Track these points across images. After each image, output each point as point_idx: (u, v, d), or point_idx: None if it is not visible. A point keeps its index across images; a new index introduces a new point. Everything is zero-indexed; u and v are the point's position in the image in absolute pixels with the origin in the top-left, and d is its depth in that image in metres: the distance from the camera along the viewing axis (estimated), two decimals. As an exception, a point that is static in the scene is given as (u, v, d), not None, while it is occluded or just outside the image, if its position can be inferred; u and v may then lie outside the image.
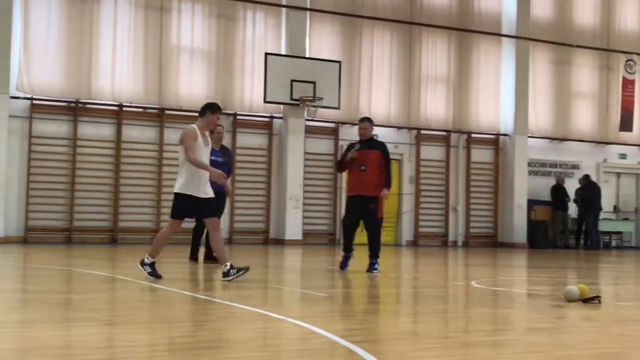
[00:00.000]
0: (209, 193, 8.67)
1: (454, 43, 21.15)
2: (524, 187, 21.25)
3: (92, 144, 17.31)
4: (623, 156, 23.27)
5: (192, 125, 8.82)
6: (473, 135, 21.28)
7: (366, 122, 10.84)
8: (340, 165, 10.98)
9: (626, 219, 23.25)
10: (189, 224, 10.65)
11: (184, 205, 8.60)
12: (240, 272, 8.50)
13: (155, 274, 8.56)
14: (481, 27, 21.27)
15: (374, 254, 10.60)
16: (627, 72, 22.75)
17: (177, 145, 8.80)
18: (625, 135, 22.90)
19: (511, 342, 5.44)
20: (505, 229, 21.34)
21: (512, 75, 21.41)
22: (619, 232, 23.26)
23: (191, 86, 18.26)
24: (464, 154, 21.23)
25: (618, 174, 23.46)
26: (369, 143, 10.66)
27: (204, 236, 11.28)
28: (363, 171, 10.43)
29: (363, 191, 10.44)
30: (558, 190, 21.46)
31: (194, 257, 11.45)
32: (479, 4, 21.38)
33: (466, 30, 21.10)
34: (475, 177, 21.39)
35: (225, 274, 8.50)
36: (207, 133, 8.99)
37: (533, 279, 11.28)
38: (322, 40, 19.71)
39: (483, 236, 21.47)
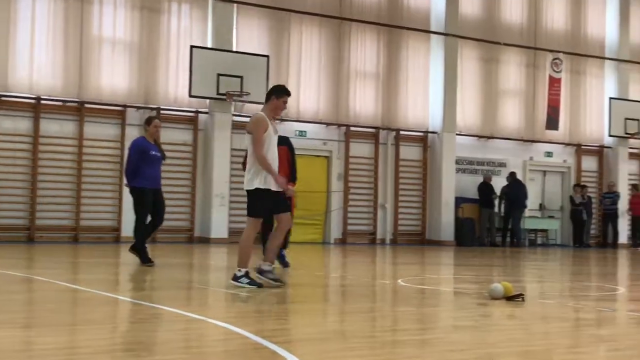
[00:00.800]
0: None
1: (383, 39, 21.35)
2: (451, 184, 21.60)
3: (9, 138, 16.89)
4: (549, 154, 23.88)
5: (260, 112, 8.13)
6: (402, 132, 21.51)
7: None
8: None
9: (551, 216, 23.88)
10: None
11: (266, 200, 7.98)
12: (255, 285, 7.97)
13: (255, 283, 7.97)
14: (410, 24, 21.53)
15: (283, 247, 10.83)
16: (554, 70, 23.32)
17: (246, 134, 8.12)
18: (551, 134, 23.48)
19: (436, 340, 5.52)
20: (433, 226, 21.66)
21: (440, 72, 21.73)
22: (545, 230, 23.86)
23: (113, 79, 17.97)
24: (392, 151, 21.45)
25: (544, 172, 24.06)
26: (280, 139, 10.76)
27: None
28: None
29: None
30: (485, 188, 21.89)
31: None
32: (408, 0, 21.62)
33: (395, 27, 21.32)
34: (403, 175, 21.64)
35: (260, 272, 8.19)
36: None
37: (459, 277, 11.48)
38: (250, 34, 19.64)
39: (411, 234, 21.75)
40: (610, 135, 24.18)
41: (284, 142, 10.73)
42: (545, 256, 17.78)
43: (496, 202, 22.07)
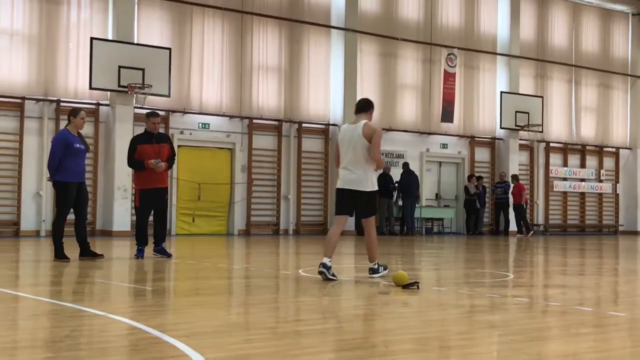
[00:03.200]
0: None
1: (285, 33, 21.36)
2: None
3: None
4: (444, 146, 24.42)
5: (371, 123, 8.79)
6: (304, 124, 21.60)
7: (158, 117, 11.54)
8: (136, 162, 11.20)
9: (447, 206, 24.45)
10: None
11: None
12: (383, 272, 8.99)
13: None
14: (311, 18, 21.61)
15: (163, 239, 11.52)
16: (449, 65, 23.85)
17: (360, 139, 8.59)
18: (446, 126, 24.03)
19: (335, 330, 5.57)
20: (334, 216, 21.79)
21: (341, 66, 21.91)
22: (440, 219, 24.41)
23: (11, 71, 17.41)
24: (295, 144, 21.52)
25: (440, 163, 24.60)
26: (159, 137, 11.40)
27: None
28: (151, 166, 11.06)
29: (159, 184, 11.27)
30: (383, 179, 22.17)
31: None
32: (309, -5, 21.69)
33: (296, 21, 21.36)
34: (306, 166, 21.74)
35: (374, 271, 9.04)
36: None
37: (359, 266, 11.60)
38: (151, 26, 19.33)
39: (314, 224, 21.88)
40: (502, 128, 24.92)
41: (166, 139, 11.52)
42: (440, 244, 18.18)
43: (395, 192, 22.41)
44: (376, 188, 8.93)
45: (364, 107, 9.01)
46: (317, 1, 21.88)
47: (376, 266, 9.09)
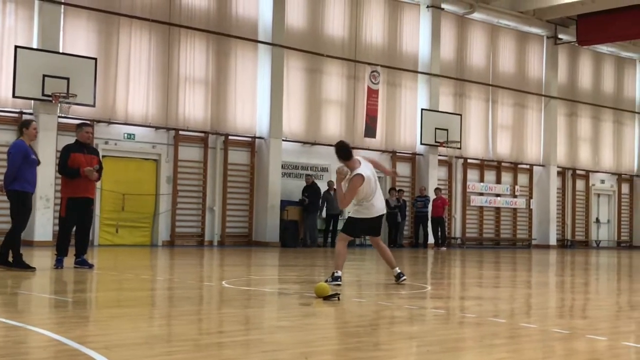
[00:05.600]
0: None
1: (212, 46, 21.23)
2: (277, 188, 21.81)
3: None
4: (367, 160, 24.57)
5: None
6: (230, 137, 21.47)
7: (91, 127, 11.73)
8: (70, 170, 11.05)
9: (369, 218, 24.57)
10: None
11: None
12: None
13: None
14: (238, 33, 21.55)
15: (84, 252, 11.39)
16: (372, 82, 24.11)
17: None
18: (369, 141, 24.25)
19: (257, 341, 5.52)
20: (260, 228, 21.78)
21: (267, 80, 21.90)
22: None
23: None
24: (221, 156, 21.37)
25: (363, 177, 24.71)
26: (90, 148, 11.45)
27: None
28: (88, 174, 11.03)
29: (88, 193, 11.24)
30: (311, 192, 22.22)
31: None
32: (236, 9, 21.65)
33: (224, 35, 21.27)
34: (231, 178, 21.61)
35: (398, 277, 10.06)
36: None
37: (282, 277, 11.59)
38: (77, 36, 18.95)
39: (238, 236, 21.76)
40: (422, 144, 25.29)
41: (96, 151, 11.64)
42: (362, 256, 18.29)
43: (317, 204, 22.42)
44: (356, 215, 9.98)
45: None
46: (244, 16, 21.84)
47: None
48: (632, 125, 33.13)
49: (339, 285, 9.24)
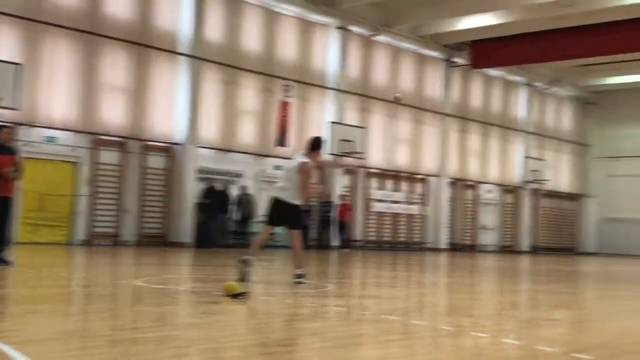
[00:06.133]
0: None
1: (133, 56, 20.84)
2: (192, 191, 21.56)
3: None
4: (278, 167, 24.59)
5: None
6: (149, 142, 21.10)
7: (10, 129, 11.52)
8: None
9: (279, 222, 24.54)
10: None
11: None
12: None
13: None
14: (159, 44, 21.25)
15: (2, 249, 10.95)
16: (285, 95, 24.13)
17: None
18: (280, 150, 24.24)
19: (169, 338, 5.45)
20: (174, 229, 21.46)
21: (186, 90, 21.67)
22: (272, 234, 24.39)
23: None
24: (139, 160, 20.97)
25: (271, 183, 24.71)
26: (9, 148, 11.16)
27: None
28: (5, 174, 10.82)
29: (8, 193, 10.95)
30: (222, 196, 22.07)
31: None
32: (157, 22, 21.34)
33: (145, 46, 20.92)
34: (149, 182, 21.23)
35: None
36: None
37: (194, 276, 11.46)
38: (2, 42, 18.26)
39: (154, 236, 21.37)
40: (330, 154, 25.42)
41: (14, 151, 11.22)
42: (271, 257, 18.26)
43: (230, 208, 22.27)
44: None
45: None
46: (165, 28, 21.52)
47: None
48: (516, 142, 34.31)
49: (304, 283, 9.62)
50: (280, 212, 9.90)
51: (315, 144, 10.07)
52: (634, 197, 35.84)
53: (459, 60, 30.16)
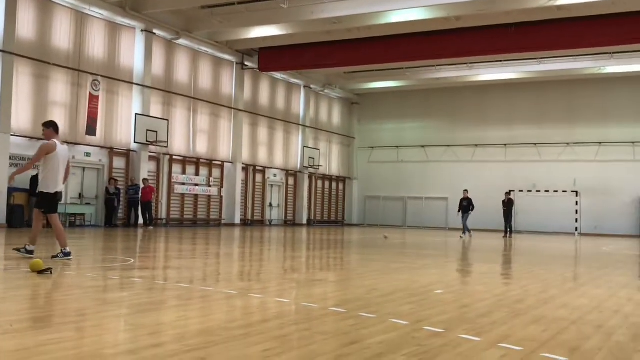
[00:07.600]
0: None
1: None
2: (4, 177, 19.70)
3: None
4: (88, 154, 23.27)
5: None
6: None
7: None
8: None
9: (88, 203, 23.31)
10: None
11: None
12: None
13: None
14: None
15: None
16: (93, 89, 22.80)
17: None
18: (90, 139, 22.93)
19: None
20: (-14, 212, 19.50)
21: (-3, 82, 19.68)
22: (82, 214, 23.17)
23: None
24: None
25: (84, 169, 23.36)
26: None
27: None
28: None
29: None
30: (35, 181, 20.40)
31: None
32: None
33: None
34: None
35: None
36: None
37: (5, 255, 10.49)
38: None
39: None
40: (136, 142, 24.50)
41: None
42: (82, 235, 17.24)
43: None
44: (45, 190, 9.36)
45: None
46: (-26, 23, 19.35)
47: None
48: (297, 134, 35.24)
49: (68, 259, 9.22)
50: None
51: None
52: (387, 179, 38.42)
53: (249, 64, 30.30)
